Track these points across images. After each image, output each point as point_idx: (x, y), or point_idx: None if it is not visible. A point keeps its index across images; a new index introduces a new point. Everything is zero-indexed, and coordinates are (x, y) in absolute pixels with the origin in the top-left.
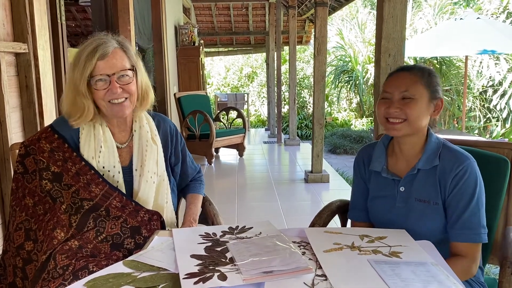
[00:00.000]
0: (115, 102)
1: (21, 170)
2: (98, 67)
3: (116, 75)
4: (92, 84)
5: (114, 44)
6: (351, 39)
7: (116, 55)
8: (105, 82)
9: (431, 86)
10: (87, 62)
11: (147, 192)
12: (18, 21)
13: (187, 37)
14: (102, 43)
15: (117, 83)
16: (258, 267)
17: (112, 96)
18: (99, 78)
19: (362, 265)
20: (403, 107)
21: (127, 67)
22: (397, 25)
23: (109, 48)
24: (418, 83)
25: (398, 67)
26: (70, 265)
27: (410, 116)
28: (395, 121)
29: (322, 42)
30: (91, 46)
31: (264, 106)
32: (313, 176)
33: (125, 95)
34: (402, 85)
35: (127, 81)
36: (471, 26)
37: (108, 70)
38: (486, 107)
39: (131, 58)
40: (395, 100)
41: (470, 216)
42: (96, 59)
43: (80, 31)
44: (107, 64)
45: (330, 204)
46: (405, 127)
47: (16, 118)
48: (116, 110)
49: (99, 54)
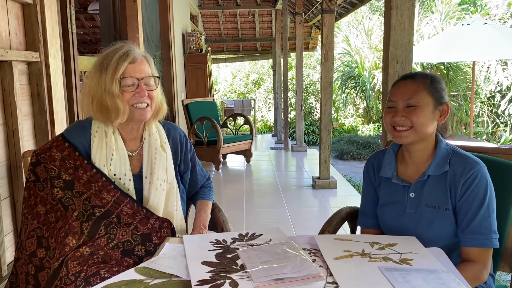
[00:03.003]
0: (139, 106)
1: (32, 178)
2: (129, 70)
3: (144, 80)
4: (122, 86)
5: (142, 53)
6: (357, 45)
7: (143, 62)
8: (133, 86)
9: (435, 92)
10: (120, 63)
11: (157, 199)
12: (30, 31)
13: (195, 44)
14: (132, 49)
15: (144, 88)
16: (269, 274)
17: (138, 99)
18: (130, 80)
19: (373, 273)
20: (408, 115)
21: (155, 75)
22: (404, 32)
23: (138, 55)
24: (422, 90)
25: (402, 76)
26: (82, 271)
27: (416, 124)
28: (402, 129)
29: (329, 48)
30: (122, 50)
31: (271, 112)
32: (320, 182)
33: (148, 100)
34: (405, 93)
35: (152, 88)
36: (478, 31)
37: (138, 74)
38: (494, 113)
39: (153, 70)
40: (400, 109)
41: (481, 221)
42: (128, 62)
43: (88, 39)
44: (137, 68)
45: (339, 211)
46: (412, 134)
47: (28, 126)
48: (139, 114)
49: (131, 58)
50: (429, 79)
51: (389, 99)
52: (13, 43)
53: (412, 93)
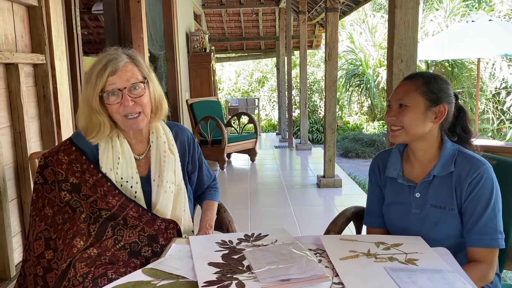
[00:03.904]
0: (130, 117)
1: (41, 180)
2: (109, 82)
3: (127, 88)
4: (105, 99)
5: (125, 58)
6: (361, 42)
7: (126, 68)
8: (117, 96)
9: (428, 93)
10: (98, 78)
11: (166, 202)
12: (35, 33)
13: (198, 44)
14: (112, 59)
15: (129, 96)
16: (275, 275)
17: (125, 110)
18: (111, 93)
19: (379, 273)
20: (399, 115)
21: (139, 80)
22: (409, 31)
23: (120, 63)
24: (413, 91)
25: (405, 76)
26: (90, 272)
27: (405, 124)
28: (395, 128)
29: (333, 47)
30: (102, 62)
31: (275, 111)
32: (325, 181)
33: (137, 109)
34: (399, 93)
35: (139, 94)
36: (483, 28)
37: (119, 84)
38: (499, 109)
39: (142, 70)
40: (393, 109)
41: (487, 221)
42: (107, 75)
43: (92, 39)
44: (118, 79)
45: (345, 210)
46: (402, 134)
47: (34, 127)
48: (131, 123)
49: (109, 70)
50: (425, 80)
51: (387, 99)
52: (19, 45)
53: (403, 93)
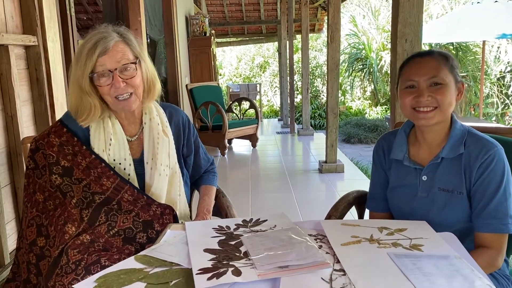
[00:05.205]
0: (121, 98)
1: (32, 165)
2: (99, 63)
3: (118, 69)
4: (95, 81)
5: (115, 37)
6: (364, 26)
7: (117, 48)
8: (108, 78)
9: (453, 70)
10: (88, 59)
11: (160, 185)
12: (27, 14)
13: (198, 28)
14: (102, 38)
15: (120, 77)
16: (273, 261)
17: (116, 91)
18: (102, 75)
19: (382, 259)
20: (435, 94)
21: (130, 60)
22: (413, 8)
23: (110, 42)
24: (444, 67)
25: (415, 53)
26: (83, 260)
27: (442, 104)
28: (426, 109)
29: (335, 29)
30: (91, 42)
31: (277, 96)
32: (327, 166)
33: (129, 90)
34: (429, 71)
35: (131, 74)
36: (488, 10)
37: (109, 65)
38: (504, 93)
39: (134, 49)
40: (424, 88)
41: (497, 205)
42: (97, 55)
43: (92, 24)
44: (108, 59)
45: (346, 195)
46: (438, 115)
47: (27, 111)
48: (123, 105)
49: (99, 51)
50: (446, 57)
51: (407, 79)
52: (9, 26)
53: (436, 70)
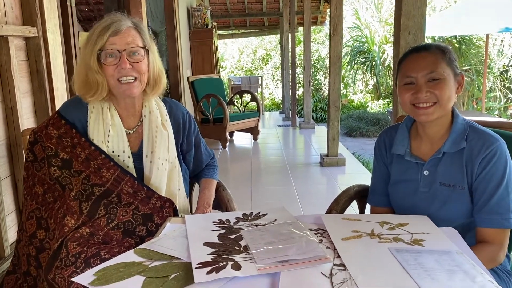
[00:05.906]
0: (124, 80)
1: (31, 158)
2: (110, 42)
3: (126, 51)
4: (102, 59)
5: (129, 23)
6: (367, 18)
7: (129, 32)
8: (115, 58)
9: (451, 63)
10: (99, 37)
11: (159, 179)
12: (26, 4)
13: (200, 20)
14: (117, 21)
15: (127, 59)
16: (273, 256)
17: (121, 72)
18: (109, 53)
19: (383, 254)
20: (433, 89)
21: (140, 45)
22: (417, 1)
23: (123, 26)
24: (442, 62)
25: (412, 48)
26: (82, 252)
27: (442, 98)
28: (425, 105)
29: (338, 21)
30: (106, 22)
31: (279, 89)
32: (328, 159)
33: (134, 74)
34: (426, 66)
35: (138, 59)
36: (492, 3)
37: (119, 46)
38: (507, 87)
39: (145, 39)
40: (422, 84)
41: (499, 200)
42: (108, 35)
43: (93, 16)
44: (118, 40)
45: (348, 189)
46: (437, 110)
47: (27, 103)
48: (124, 88)
49: (112, 30)
50: (443, 50)
51: (405, 75)
52: (8, 17)
53: (433, 65)
